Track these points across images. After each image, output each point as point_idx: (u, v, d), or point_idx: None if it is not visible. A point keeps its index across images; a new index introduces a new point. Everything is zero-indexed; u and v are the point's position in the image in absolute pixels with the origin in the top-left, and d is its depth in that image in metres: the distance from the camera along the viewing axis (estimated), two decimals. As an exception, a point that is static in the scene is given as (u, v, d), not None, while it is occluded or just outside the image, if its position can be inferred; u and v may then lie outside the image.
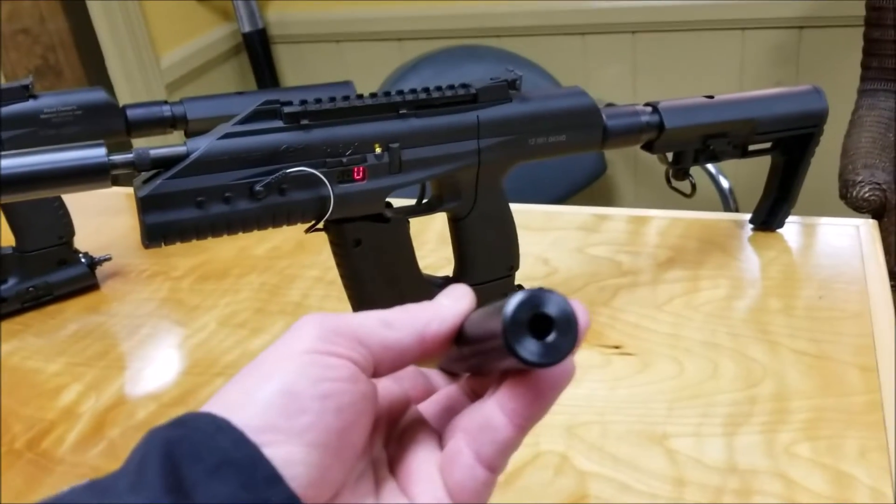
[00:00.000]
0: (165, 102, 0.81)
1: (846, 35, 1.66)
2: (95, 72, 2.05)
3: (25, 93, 0.74)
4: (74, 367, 0.70)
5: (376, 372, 0.31)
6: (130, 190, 1.06)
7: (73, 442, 0.61)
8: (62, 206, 0.78)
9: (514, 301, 0.26)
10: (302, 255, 0.84)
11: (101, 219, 0.97)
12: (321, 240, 0.86)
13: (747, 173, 1.17)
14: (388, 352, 0.31)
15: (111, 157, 0.48)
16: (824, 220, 0.77)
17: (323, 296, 0.76)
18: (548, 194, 1.69)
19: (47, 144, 0.69)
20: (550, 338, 0.27)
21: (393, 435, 0.34)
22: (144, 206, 0.49)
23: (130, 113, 0.78)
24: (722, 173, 1.58)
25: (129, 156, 0.48)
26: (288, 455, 0.27)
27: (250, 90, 0.89)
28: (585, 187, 1.79)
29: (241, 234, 0.53)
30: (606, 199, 1.93)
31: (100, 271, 0.82)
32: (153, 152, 0.49)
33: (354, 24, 2.04)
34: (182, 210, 0.49)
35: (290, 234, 0.87)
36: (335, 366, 0.29)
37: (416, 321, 0.32)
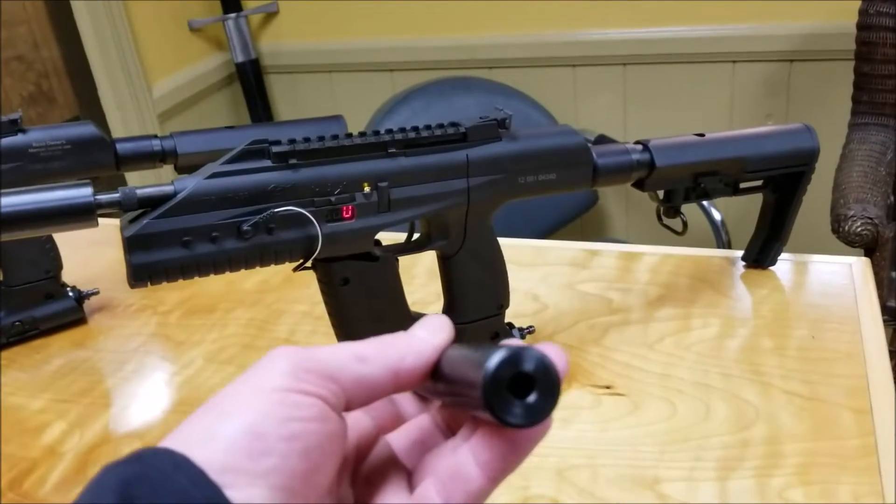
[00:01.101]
0: (155, 137, 0.81)
1: (836, 68, 1.67)
2: (88, 99, 2.05)
3: (14, 126, 0.73)
4: (59, 403, 0.69)
5: (348, 406, 0.30)
6: (103, 221, 1.05)
7: (55, 482, 0.60)
8: (50, 239, 0.78)
9: (494, 360, 0.26)
10: (290, 289, 0.83)
11: (90, 250, 0.96)
12: (309, 274, 0.86)
13: (739, 206, 1.18)
14: (360, 387, 0.30)
15: (97, 197, 0.47)
16: (817, 258, 0.77)
17: (311, 331, 0.75)
18: (538, 225, 1.69)
19: (35, 178, 0.68)
20: (531, 398, 0.26)
21: (361, 472, 0.33)
22: (130, 245, 0.48)
23: (120, 147, 0.78)
24: (714, 206, 1.58)
25: (116, 195, 0.48)
26: (250, 497, 0.26)
27: (240, 125, 0.89)
28: (576, 218, 1.79)
29: (220, 274, 0.52)
30: (597, 230, 1.93)
31: (87, 305, 0.81)
32: (139, 192, 0.48)
33: (346, 54, 2.05)
34: (168, 250, 0.49)
35: (279, 269, 0.86)
36: (304, 405, 0.28)
37: (390, 355, 0.31)
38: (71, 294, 0.80)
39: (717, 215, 1.61)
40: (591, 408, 0.60)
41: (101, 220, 0.49)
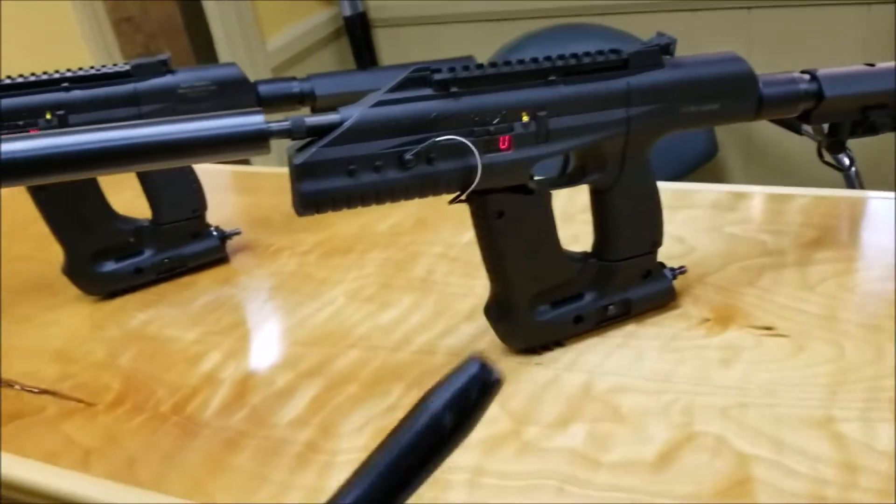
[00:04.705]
0: (294, 79, 0.82)
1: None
2: (201, 59, 2.11)
3: (163, 68, 0.75)
4: (211, 335, 0.71)
5: None
6: (237, 168, 1.08)
7: (217, 406, 0.62)
8: (196, 180, 0.80)
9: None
10: (423, 231, 0.83)
11: (224, 196, 0.99)
12: (441, 217, 0.86)
13: (865, 150, 1.10)
14: None
15: (270, 124, 0.48)
16: None
17: (447, 271, 0.75)
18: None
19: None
20: None
21: None
22: (299, 174, 0.49)
23: (262, 89, 0.79)
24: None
25: (286, 123, 0.48)
26: None
27: (374, 67, 0.89)
28: (694, 170, 1.73)
29: (381, 204, 0.53)
30: (715, 181, 1.86)
31: (229, 245, 0.84)
32: (308, 120, 0.49)
33: (453, 6, 2.02)
34: (335, 178, 0.49)
35: (411, 211, 0.87)
36: None
37: None
38: (215, 234, 0.82)
39: (845, 161, 1.53)
40: (753, 348, 0.58)
41: (231, 167, 0.50)
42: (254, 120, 0.48)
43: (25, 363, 0.72)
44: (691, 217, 0.77)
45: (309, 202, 0.49)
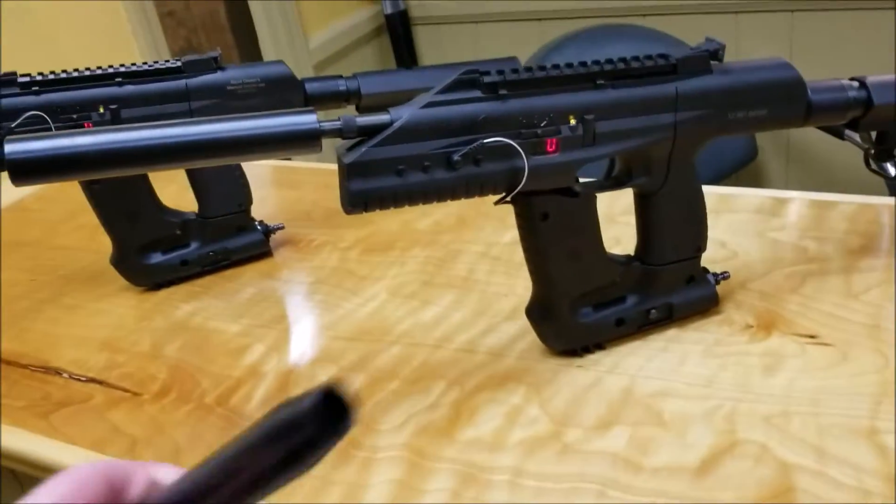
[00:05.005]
0: (340, 77, 0.83)
1: None
2: (244, 55, 2.13)
3: (214, 64, 0.77)
4: (255, 328, 0.72)
5: None
6: (279, 163, 1.09)
7: (260, 399, 0.63)
8: (242, 175, 0.82)
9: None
10: (464, 230, 0.84)
11: (267, 191, 1.01)
12: (482, 216, 0.87)
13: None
14: None
15: (322, 124, 0.49)
16: None
17: (489, 270, 0.76)
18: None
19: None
20: None
21: None
22: (350, 172, 0.49)
23: (309, 86, 0.80)
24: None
25: (338, 123, 0.49)
26: None
27: (419, 66, 0.89)
28: (733, 173, 1.71)
29: (427, 204, 0.53)
30: (754, 185, 1.84)
31: (272, 239, 0.85)
32: (359, 120, 0.50)
33: (493, 5, 2.03)
34: (384, 178, 0.50)
35: (452, 210, 0.88)
36: None
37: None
38: (259, 228, 0.84)
39: (891, 170, 1.50)
40: (796, 356, 0.57)
41: (273, 162, 0.51)
42: (307, 119, 0.49)
43: (73, 351, 0.74)
44: (734, 221, 0.76)
45: (358, 200, 0.50)
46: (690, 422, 0.54)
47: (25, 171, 0.43)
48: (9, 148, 0.43)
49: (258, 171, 0.82)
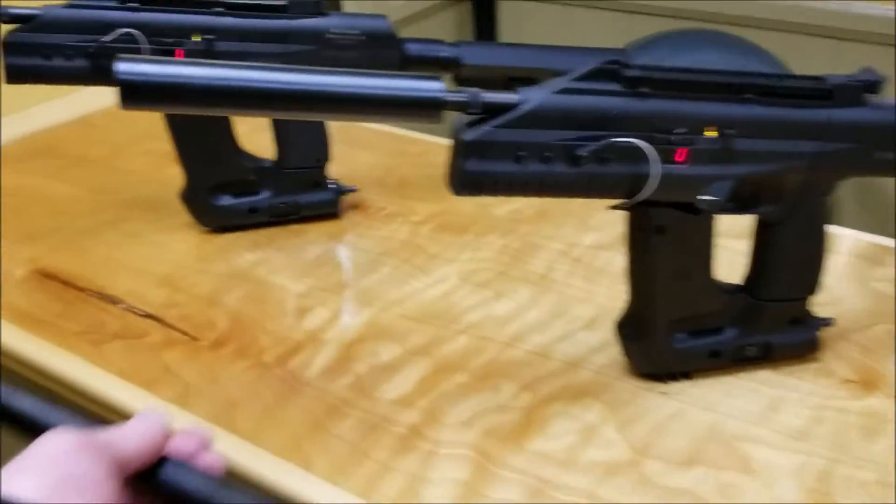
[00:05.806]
0: (442, 42, 0.79)
1: None
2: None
3: (316, 9, 0.73)
4: (319, 291, 0.69)
5: None
6: (376, 126, 1.05)
7: (320, 367, 0.60)
8: (325, 129, 0.78)
9: None
10: (544, 223, 0.80)
11: (339, 148, 0.97)
12: (564, 212, 0.83)
13: None
14: None
15: (447, 94, 0.45)
16: None
17: (568, 272, 0.72)
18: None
19: (328, 66, 0.67)
20: None
21: None
22: (467, 151, 0.46)
23: (409, 47, 0.77)
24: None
25: (463, 96, 0.45)
26: None
27: (524, 43, 0.85)
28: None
29: (540, 197, 0.50)
30: (822, 220, 1.78)
31: (341, 201, 0.82)
32: (485, 96, 0.46)
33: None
34: (501, 162, 0.46)
35: (532, 199, 0.83)
36: None
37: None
38: (332, 186, 0.80)
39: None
40: (902, 422, 0.53)
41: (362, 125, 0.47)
42: (433, 86, 0.45)
43: (131, 282, 0.71)
44: (836, 264, 0.72)
45: (470, 182, 0.47)
46: (779, 474, 0.50)
47: (139, 94, 0.40)
48: (123, 67, 0.39)
49: (337, 127, 0.78)
